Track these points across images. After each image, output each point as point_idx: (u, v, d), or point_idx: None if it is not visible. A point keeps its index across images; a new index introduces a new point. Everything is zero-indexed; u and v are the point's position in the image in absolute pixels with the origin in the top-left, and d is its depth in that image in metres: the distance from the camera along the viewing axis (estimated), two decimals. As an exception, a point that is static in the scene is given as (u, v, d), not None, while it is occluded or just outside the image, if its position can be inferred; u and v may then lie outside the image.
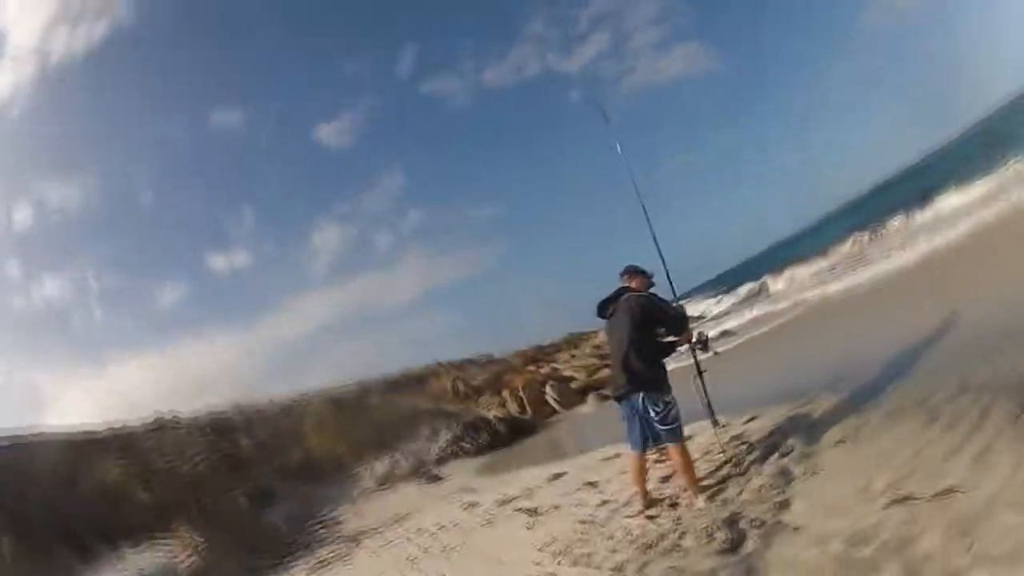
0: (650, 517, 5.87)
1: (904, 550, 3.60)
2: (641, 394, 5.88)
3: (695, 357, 6.42)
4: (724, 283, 55.78)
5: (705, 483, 5.96)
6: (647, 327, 5.98)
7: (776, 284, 28.33)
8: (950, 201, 18.50)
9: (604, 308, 6.36)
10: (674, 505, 5.91)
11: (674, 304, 6.47)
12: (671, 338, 6.21)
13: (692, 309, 35.96)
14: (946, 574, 3.23)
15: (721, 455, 6.50)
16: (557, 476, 9.56)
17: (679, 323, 6.25)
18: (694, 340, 6.30)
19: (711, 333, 6.72)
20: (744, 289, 36.48)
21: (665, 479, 6.70)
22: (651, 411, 5.82)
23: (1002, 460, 3.93)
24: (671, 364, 6.17)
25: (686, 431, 6.16)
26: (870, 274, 16.34)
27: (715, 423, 6.64)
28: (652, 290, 6.35)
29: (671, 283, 6.65)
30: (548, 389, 19.59)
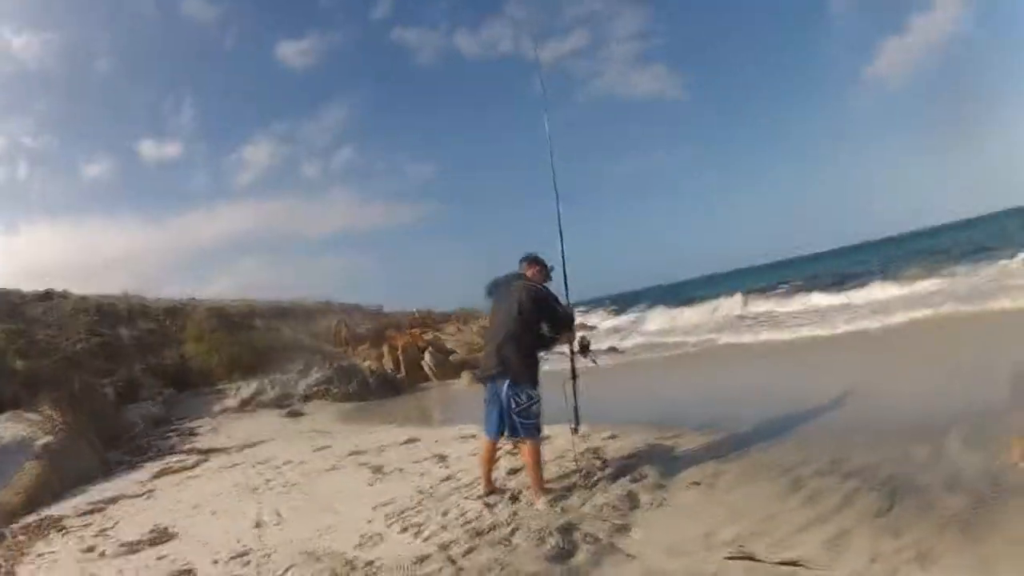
0: (488, 505, 5.72)
1: None
2: (507, 381, 5.64)
3: (572, 360, 6.16)
4: (627, 302, 57.12)
5: (550, 486, 5.79)
6: (531, 318, 5.70)
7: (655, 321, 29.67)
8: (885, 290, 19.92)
9: (494, 288, 6.13)
10: (514, 499, 5.76)
11: (565, 305, 6.09)
12: (552, 335, 5.93)
13: (585, 318, 36.49)
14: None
15: (573, 463, 6.33)
16: (411, 440, 9.64)
17: (565, 323, 5.93)
18: (576, 343, 6.09)
19: (595, 343, 6.56)
20: (634, 314, 37.46)
21: (513, 472, 6.54)
22: (513, 401, 5.59)
23: (858, 549, 3.91)
24: (548, 365, 6.01)
25: (545, 431, 6.01)
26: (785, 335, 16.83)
27: (575, 430, 6.27)
28: (547, 285, 6.06)
29: (566, 284, 6.28)
30: (427, 355, 19.64)
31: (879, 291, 20.28)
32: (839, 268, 41.82)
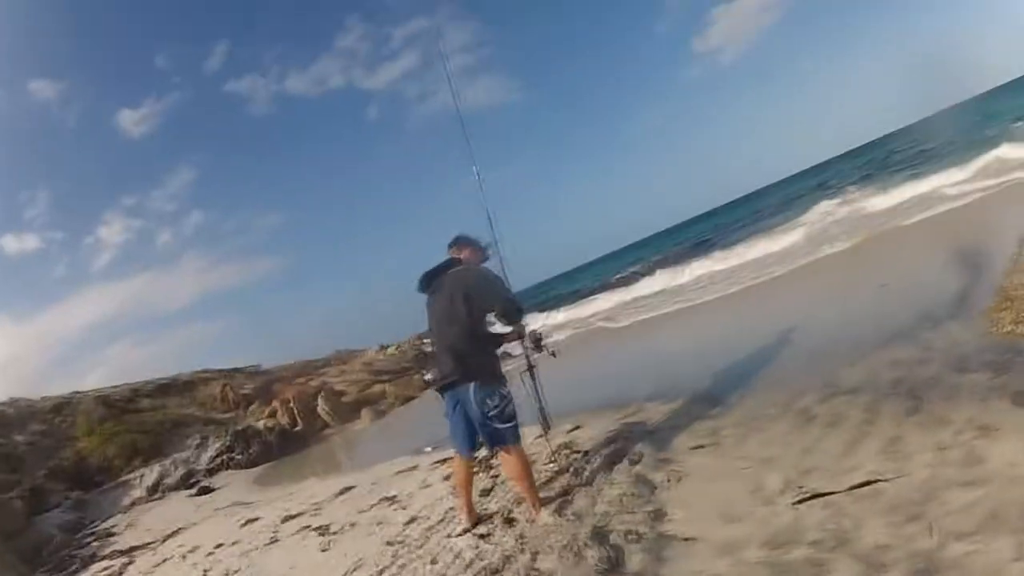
0: (481, 536, 4.80)
1: (848, 545, 3.17)
2: (473, 384, 4.72)
3: (528, 356, 5.42)
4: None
5: (543, 495, 4.98)
6: (481, 306, 4.84)
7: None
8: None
9: (428, 281, 5.11)
10: (509, 521, 4.87)
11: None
12: (501, 329, 5.08)
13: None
14: (917, 558, 2.88)
15: (552, 465, 5.66)
16: (346, 490, 8.70)
17: (514, 311, 4.95)
18: (526, 336, 5.23)
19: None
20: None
21: (485, 492, 5.72)
22: (486, 405, 4.68)
23: (918, 448, 3.78)
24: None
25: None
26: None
27: (546, 428, 5.56)
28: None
29: (504, 271, 5.48)
30: (320, 401, 18.41)
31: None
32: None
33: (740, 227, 34.75)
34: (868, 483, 3.62)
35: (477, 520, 5.11)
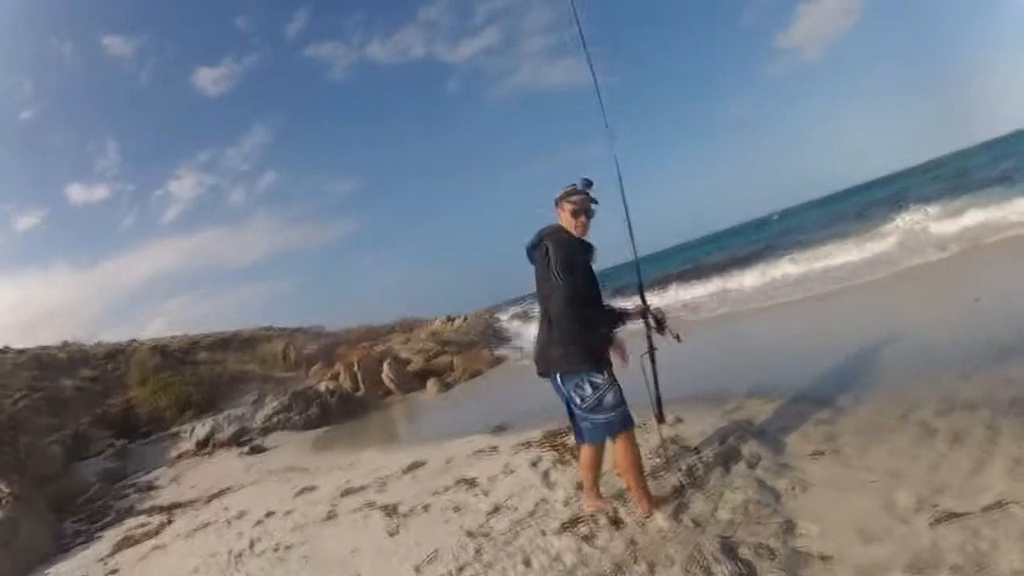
0: (585, 538, 4.34)
1: (987, 570, 3.03)
2: (556, 375, 4.35)
3: (649, 337, 4.83)
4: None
5: (656, 494, 4.60)
6: (569, 279, 4.21)
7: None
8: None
9: (531, 248, 4.54)
10: (616, 522, 4.42)
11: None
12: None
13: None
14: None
15: (657, 459, 5.27)
16: (416, 465, 7.88)
17: (560, 301, 4.25)
18: (649, 315, 4.74)
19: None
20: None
21: (578, 486, 5.14)
22: (577, 395, 4.28)
23: None
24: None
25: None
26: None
27: (661, 418, 5.14)
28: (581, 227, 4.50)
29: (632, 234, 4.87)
30: (385, 367, 17.72)
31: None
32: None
33: (819, 229, 33.36)
34: (1000, 504, 3.48)
35: (598, 505, 4.77)
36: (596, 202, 4.51)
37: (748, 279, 19.84)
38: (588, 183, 4.53)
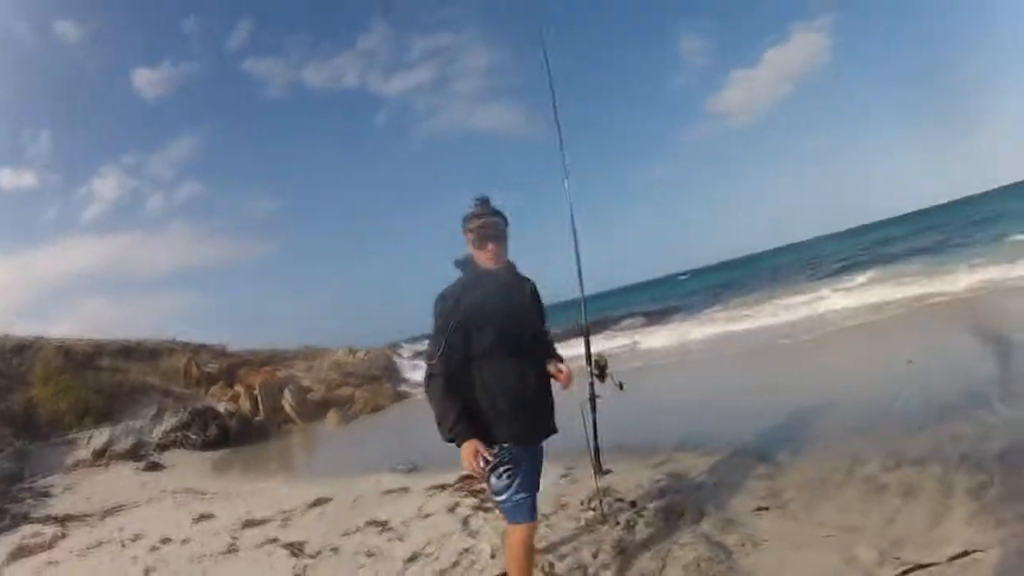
0: None
1: None
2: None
3: (591, 385, 4.41)
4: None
5: (591, 549, 4.34)
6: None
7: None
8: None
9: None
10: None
11: None
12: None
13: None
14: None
15: (592, 512, 4.99)
16: (322, 501, 7.58)
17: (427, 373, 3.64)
18: (592, 360, 4.37)
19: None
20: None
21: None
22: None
23: (1010, 519, 3.61)
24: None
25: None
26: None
27: (600, 469, 4.70)
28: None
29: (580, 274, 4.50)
30: (287, 394, 17.28)
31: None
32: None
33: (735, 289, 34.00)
34: (966, 553, 3.42)
35: None
36: (501, 216, 3.72)
37: (660, 336, 20.11)
38: (482, 200, 3.74)
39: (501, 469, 3.42)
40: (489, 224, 3.62)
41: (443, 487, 6.91)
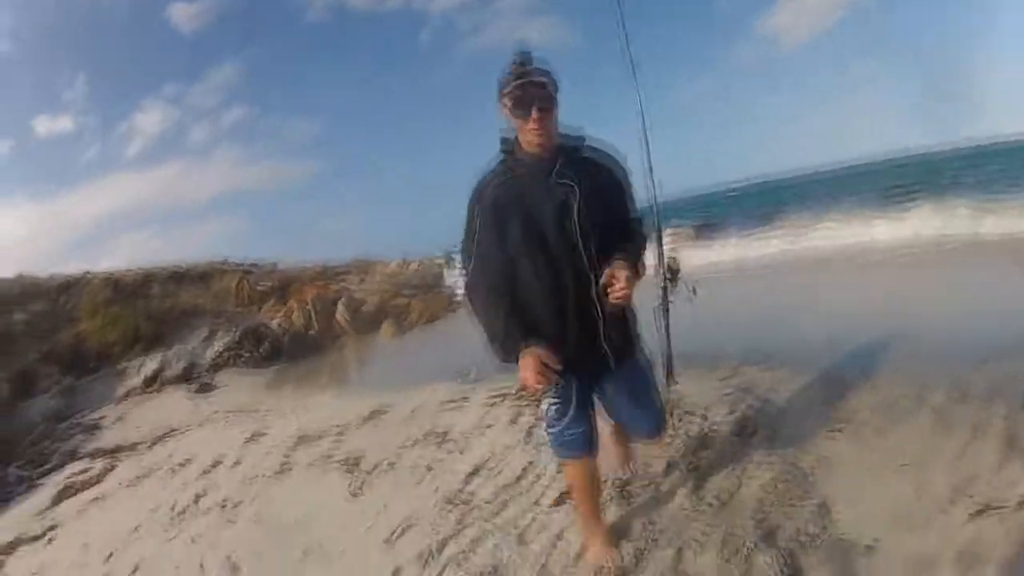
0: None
1: None
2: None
3: (665, 288, 3.82)
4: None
5: (671, 465, 4.26)
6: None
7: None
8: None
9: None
10: (626, 496, 3.99)
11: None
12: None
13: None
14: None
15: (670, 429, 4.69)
16: (377, 413, 7.33)
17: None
18: (664, 264, 3.70)
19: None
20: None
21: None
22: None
23: None
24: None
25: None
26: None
27: (672, 379, 4.15)
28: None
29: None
30: (340, 307, 17.36)
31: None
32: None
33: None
34: None
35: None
36: (548, 75, 2.86)
37: (712, 251, 18.77)
38: (523, 55, 2.88)
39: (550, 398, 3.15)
40: (531, 84, 2.81)
41: (504, 396, 6.58)
